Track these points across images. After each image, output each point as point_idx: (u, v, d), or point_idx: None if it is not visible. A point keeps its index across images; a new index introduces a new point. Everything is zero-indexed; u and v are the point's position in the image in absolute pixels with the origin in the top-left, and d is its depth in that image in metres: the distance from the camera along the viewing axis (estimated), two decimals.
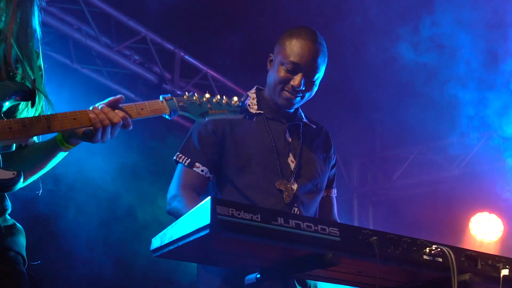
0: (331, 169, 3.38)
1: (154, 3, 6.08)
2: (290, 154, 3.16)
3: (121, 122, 2.28)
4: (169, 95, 2.51)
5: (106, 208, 6.12)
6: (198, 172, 3.04)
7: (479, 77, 6.96)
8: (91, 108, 2.26)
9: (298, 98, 3.13)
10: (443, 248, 2.43)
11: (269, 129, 3.16)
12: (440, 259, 2.44)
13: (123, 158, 6.08)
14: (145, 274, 6.23)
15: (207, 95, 2.57)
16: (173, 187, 3.05)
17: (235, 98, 2.60)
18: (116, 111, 2.28)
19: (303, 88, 3.09)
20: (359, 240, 2.32)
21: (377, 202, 9.53)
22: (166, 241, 2.35)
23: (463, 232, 8.46)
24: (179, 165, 3.09)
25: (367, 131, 8.82)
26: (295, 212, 3.04)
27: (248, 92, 3.29)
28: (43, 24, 2.41)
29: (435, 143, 8.52)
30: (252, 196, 3.03)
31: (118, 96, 2.32)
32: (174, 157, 3.12)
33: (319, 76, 3.13)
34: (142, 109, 2.38)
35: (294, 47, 3.06)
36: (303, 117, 3.32)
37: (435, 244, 2.46)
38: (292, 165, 3.14)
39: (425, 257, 2.43)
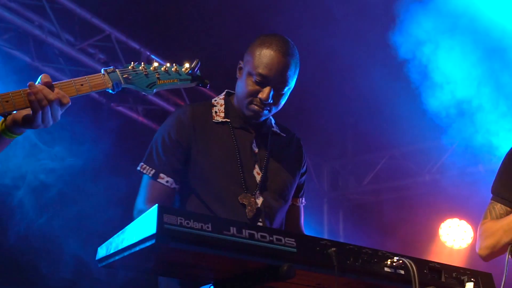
0: (301, 177, 3.25)
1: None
2: (256, 166, 3.03)
3: (57, 99, 2.15)
4: (112, 67, 2.37)
5: None
6: (163, 184, 2.90)
7: (450, 83, 6.95)
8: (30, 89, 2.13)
9: (266, 111, 2.99)
10: (404, 260, 2.34)
11: (234, 139, 3.02)
12: (402, 272, 2.36)
13: None
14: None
15: (155, 64, 2.43)
16: (139, 201, 2.91)
17: (186, 65, 2.46)
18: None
19: (271, 101, 2.95)
20: (316, 251, 2.23)
21: (348, 207, 9.47)
22: (112, 251, 2.21)
23: (433, 238, 8.44)
24: (144, 177, 2.95)
25: (338, 135, 8.76)
26: None
27: (217, 97, 3.15)
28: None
29: (406, 148, 8.48)
30: (216, 210, 2.91)
31: (46, 76, 2.20)
32: (138, 168, 2.97)
33: (289, 88, 2.99)
34: (82, 84, 2.24)
35: (263, 58, 2.90)
36: (273, 125, 3.19)
37: (397, 255, 2.37)
38: (258, 177, 3.01)
39: (386, 269, 2.34)
